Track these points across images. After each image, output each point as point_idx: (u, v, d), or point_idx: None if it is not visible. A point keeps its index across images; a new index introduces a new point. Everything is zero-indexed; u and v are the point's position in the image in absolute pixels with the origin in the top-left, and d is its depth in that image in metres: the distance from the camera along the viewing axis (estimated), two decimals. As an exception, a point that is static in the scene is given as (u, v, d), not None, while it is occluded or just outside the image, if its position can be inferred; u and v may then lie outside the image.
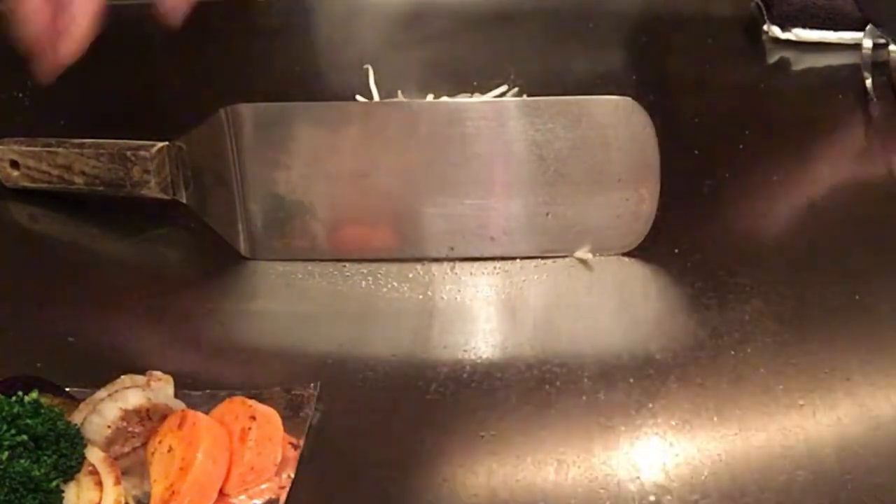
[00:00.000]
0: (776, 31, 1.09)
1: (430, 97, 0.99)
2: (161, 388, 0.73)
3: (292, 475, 0.70)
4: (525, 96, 0.99)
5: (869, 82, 0.99)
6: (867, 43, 1.03)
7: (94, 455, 0.68)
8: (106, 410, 0.70)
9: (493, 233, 0.84)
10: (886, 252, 0.86)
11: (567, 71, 1.07)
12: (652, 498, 0.68)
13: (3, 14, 0.88)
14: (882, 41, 1.03)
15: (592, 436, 0.72)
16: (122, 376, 0.73)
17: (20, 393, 0.68)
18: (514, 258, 0.85)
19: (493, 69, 1.03)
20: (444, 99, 0.98)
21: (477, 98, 0.99)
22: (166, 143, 0.87)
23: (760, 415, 0.73)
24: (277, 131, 0.83)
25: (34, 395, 0.68)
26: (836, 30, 1.08)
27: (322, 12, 1.19)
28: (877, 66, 1.02)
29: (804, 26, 1.07)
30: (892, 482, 0.69)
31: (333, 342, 0.80)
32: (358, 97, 0.98)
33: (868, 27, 1.04)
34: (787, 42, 1.08)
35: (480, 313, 0.82)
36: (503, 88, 1.01)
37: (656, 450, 0.71)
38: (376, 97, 0.96)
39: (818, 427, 0.72)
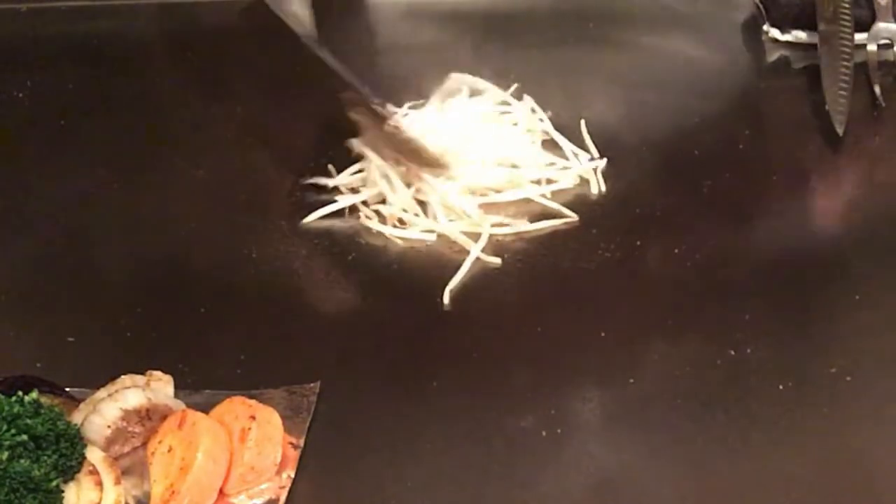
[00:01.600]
0: (775, 33, 1.08)
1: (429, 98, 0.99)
2: (161, 388, 0.73)
3: (292, 475, 0.70)
4: (525, 96, 0.99)
5: (877, 88, 0.99)
6: (871, 46, 1.03)
7: (94, 455, 0.69)
8: (106, 410, 0.70)
9: None
10: (886, 252, 0.86)
11: (567, 71, 1.07)
12: (652, 496, 0.68)
13: None
14: (886, 41, 1.03)
15: (592, 435, 0.72)
16: (122, 376, 0.73)
17: (20, 393, 0.68)
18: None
19: (493, 70, 1.03)
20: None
21: (475, 99, 0.99)
22: None
23: (760, 415, 0.73)
24: None
25: (34, 395, 0.68)
26: (835, 31, 1.07)
27: (321, 13, 1.19)
28: (882, 65, 1.02)
29: (803, 28, 1.07)
30: (893, 481, 0.69)
31: (333, 342, 0.80)
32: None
33: (872, 30, 1.04)
34: (787, 42, 1.08)
35: (485, 312, 0.82)
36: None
37: (656, 449, 0.71)
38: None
39: (819, 427, 0.72)
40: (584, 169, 0.93)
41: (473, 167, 0.92)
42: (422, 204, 0.90)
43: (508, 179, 0.91)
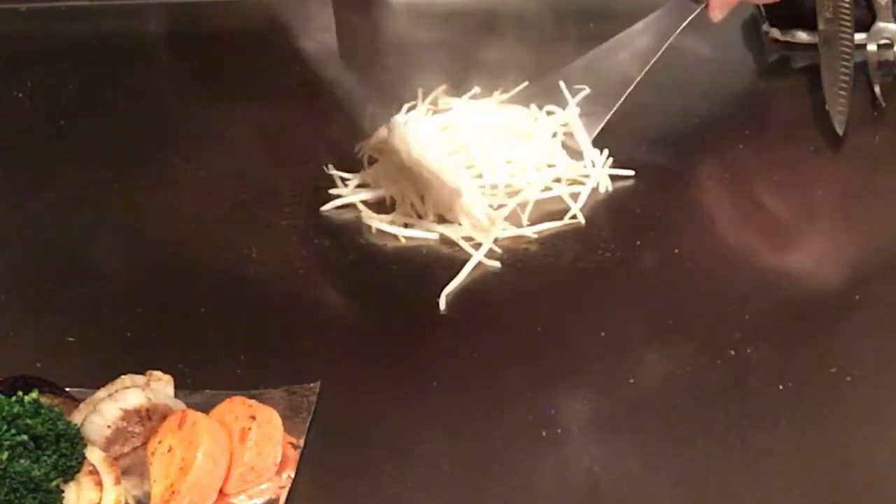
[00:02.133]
0: (776, 32, 1.08)
1: (428, 98, 0.99)
2: (161, 388, 0.73)
3: (292, 475, 0.70)
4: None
5: (877, 88, 0.99)
6: (871, 47, 1.03)
7: (94, 455, 0.69)
8: (106, 410, 0.70)
9: None
10: (886, 252, 0.86)
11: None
12: (651, 496, 0.68)
13: None
14: (886, 41, 1.03)
15: (591, 435, 0.72)
16: (122, 376, 0.73)
17: (20, 393, 0.68)
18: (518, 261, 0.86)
19: (493, 70, 1.03)
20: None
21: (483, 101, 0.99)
22: None
23: (761, 415, 0.73)
24: None
25: (34, 395, 0.68)
26: (835, 31, 1.07)
27: (322, 13, 1.19)
28: (882, 65, 1.02)
29: (803, 28, 1.07)
30: (893, 482, 0.69)
31: (333, 342, 0.80)
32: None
33: (872, 29, 1.04)
34: (787, 42, 1.08)
35: (484, 312, 0.82)
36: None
37: (656, 450, 0.71)
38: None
39: (819, 427, 0.72)
40: (600, 171, 0.92)
41: (487, 170, 0.91)
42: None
43: (526, 182, 0.91)
